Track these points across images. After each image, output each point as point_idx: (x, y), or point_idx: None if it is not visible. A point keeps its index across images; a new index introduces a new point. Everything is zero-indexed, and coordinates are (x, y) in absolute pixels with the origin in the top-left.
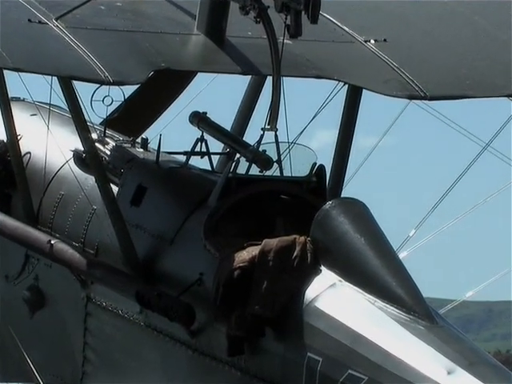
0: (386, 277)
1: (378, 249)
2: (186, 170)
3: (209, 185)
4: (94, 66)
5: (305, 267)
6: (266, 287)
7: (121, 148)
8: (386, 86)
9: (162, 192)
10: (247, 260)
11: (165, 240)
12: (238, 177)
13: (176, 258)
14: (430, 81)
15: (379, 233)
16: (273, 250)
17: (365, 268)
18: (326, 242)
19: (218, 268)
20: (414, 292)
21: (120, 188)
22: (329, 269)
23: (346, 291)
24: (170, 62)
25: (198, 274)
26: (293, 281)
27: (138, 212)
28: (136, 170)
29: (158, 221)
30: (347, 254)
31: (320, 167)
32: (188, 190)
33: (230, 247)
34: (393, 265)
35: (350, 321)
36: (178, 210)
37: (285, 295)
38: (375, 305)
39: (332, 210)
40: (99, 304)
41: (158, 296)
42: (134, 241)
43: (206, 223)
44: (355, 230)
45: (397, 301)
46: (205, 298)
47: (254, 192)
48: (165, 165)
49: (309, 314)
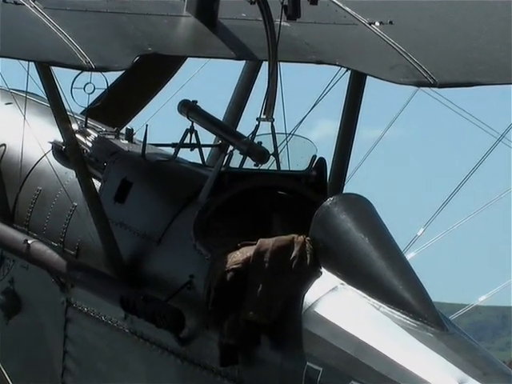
0: (391, 280)
1: (384, 249)
2: (174, 163)
3: (199, 180)
4: (74, 50)
5: (304, 269)
6: (261, 291)
7: (104, 140)
8: (391, 72)
9: (149, 187)
10: (241, 261)
11: (152, 240)
12: (231, 171)
13: (164, 260)
14: (439, 66)
15: (384, 232)
16: (269, 250)
17: (369, 270)
18: (327, 242)
19: (209, 270)
20: (423, 296)
21: (103, 183)
22: (330, 271)
23: (349, 295)
24: (158, 46)
25: (188, 277)
26: (291, 284)
27: (122, 209)
28: (120, 163)
29: (144, 219)
30: (350, 254)
31: (320, 160)
32: (177, 185)
33: (222, 247)
34: (399, 266)
35: (352, 327)
36: (165, 207)
37: (282, 300)
38: (380, 310)
39: (333, 207)
40: (80, 309)
41: (144, 300)
42: (118, 240)
43: (196, 221)
44: (358, 228)
45: (404, 306)
46: (195, 302)
47: (249, 187)
48: (151, 158)
49: (308, 320)
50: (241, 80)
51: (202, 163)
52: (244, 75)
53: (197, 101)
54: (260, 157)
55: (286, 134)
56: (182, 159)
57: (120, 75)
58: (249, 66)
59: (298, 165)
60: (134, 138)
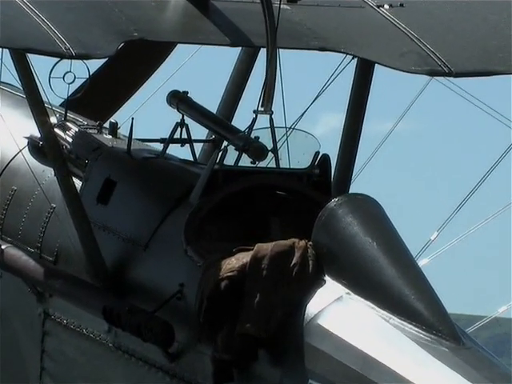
0: (402, 289)
1: (394, 255)
2: (163, 160)
3: (190, 178)
4: (52, 35)
5: (305, 277)
6: (258, 301)
7: (85, 134)
8: (402, 59)
9: (135, 187)
10: (236, 268)
11: (138, 244)
12: (225, 169)
13: (151, 266)
14: (455, 54)
15: (395, 236)
16: (267, 256)
17: (377, 278)
18: (331, 247)
19: (201, 278)
20: (437, 307)
21: (84, 182)
22: (334, 279)
23: (355, 306)
24: (144, 32)
25: (178, 286)
26: (291, 294)
27: (105, 211)
28: (103, 160)
29: (129, 222)
30: (356, 261)
31: (324, 157)
32: (166, 184)
33: (215, 253)
34: (411, 274)
35: (359, 341)
36: (153, 209)
37: (281, 311)
38: (390, 322)
39: (338, 209)
40: (59, 321)
41: (130, 312)
42: (101, 245)
43: (187, 224)
44: (366, 232)
45: (416, 317)
46: (186, 313)
47: (245, 187)
48: (138, 154)
49: (310, 333)
50: (236, 69)
51: (194, 160)
52: (240, 63)
53: (188, 91)
54: (257, 153)
55: (285, 128)
56: (171, 156)
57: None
58: (245, 53)
59: (300, 162)
60: (119, 132)
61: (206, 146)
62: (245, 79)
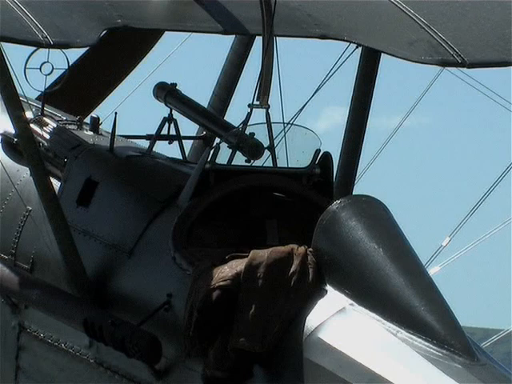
0: (411, 299)
1: (402, 262)
2: (149, 159)
3: (179, 179)
4: (28, 22)
5: (305, 287)
6: (254, 313)
7: (64, 131)
8: (411, 48)
9: (118, 188)
10: (229, 277)
11: (122, 251)
12: (217, 168)
13: (136, 275)
14: (468, 42)
15: (403, 241)
16: (263, 264)
17: (384, 288)
18: (334, 254)
19: (191, 288)
20: (449, 319)
21: (63, 183)
22: (337, 289)
23: (360, 318)
24: (129, 18)
25: (166, 296)
26: (289, 305)
27: (86, 214)
28: (84, 159)
29: (112, 226)
30: (361, 269)
31: (325, 155)
32: (152, 185)
33: (206, 260)
34: (421, 283)
35: (364, 357)
36: (138, 212)
37: (279, 324)
38: (397, 336)
39: (341, 212)
40: (35, 335)
41: (113, 324)
42: (82, 252)
43: (175, 229)
44: (371, 237)
45: (426, 331)
46: (174, 326)
47: (239, 188)
48: (122, 152)
49: (310, 349)
50: (229, 59)
51: (183, 159)
52: (233, 53)
53: (176, 84)
54: (253, 151)
55: (283, 124)
56: (158, 154)
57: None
58: (239, 41)
59: (299, 161)
60: (101, 128)
61: (197, 144)
62: (239, 70)
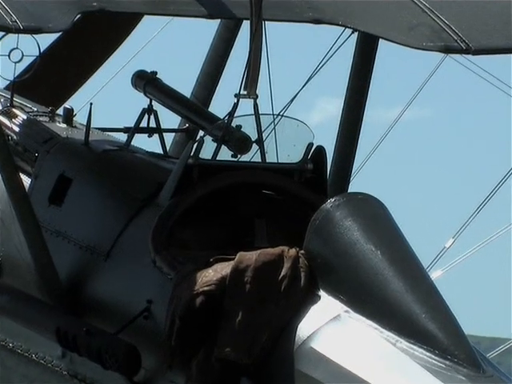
0: (411, 306)
1: (401, 266)
2: (127, 153)
3: (160, 175)
4: None
5: (296, 292)
6: (240, 321)
7: (35, 123)
8: (411, 34)
9: (94, 185)
10: (214, 282)
11: (98, 253)
12: (201, 163)
13: (113, 280)
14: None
15: (402, 243)
16: (251, 267)
17: (382, 293)
18: (327, 257)
19: (172, 293)
20: (453, 328)
21: (34, 180)
22: (331, 295)
23: (356, 326)
24: (105, 1)
25: (145, 302)
26: (279, 312)
27: (59, 214)
28: (56, 153)
29: (87, 226)
30: (357, 273)
31: (318, 150)
32: (131, 182)
33: (189, 264)
34: (422, 289)
35: (360, 368)
36: (116, 211)
37: (268, 333)
38: (397, 346)
39: (335, 211)
40: (4, 345)
41: (88, 333)
42: (54, 255)
43: (155, 230)
44: (368, 238)
45: (428, 340)
46: (154, 335)
47: (225, 185)
48: (97, 146)
49: (302, 359)
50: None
51: (164, 153)
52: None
53: (156, 72)
54: (239, 145)
55: (273, 116)
56: (137, 148)
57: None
58: (225, 26)
59: (290, 155)
60: (75, 120)
61: (179, 137)
62: (224, 58)
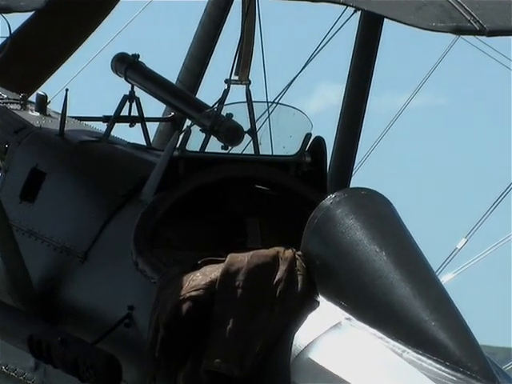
0: (420, 313)
1: (408, 269)
2: (106, 145)
3: (143, 168)
4: None
5: (293, 298)
6: (231, 329)
7: (5, 111)
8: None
9: (70, 180)
10: (202, 286)
11: (74, 255)
12: (188, 156)
13: (91, 284)
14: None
15: (409, 244)
16: (243, 270)
17: (387, 299)
18: (327, 258)
19: (156, 299)
20: (465, 337)
21: (4, 174)
22: (331, 300)
23: (358, 335)
24: None
25: (126, 309)
26: (274, 319)
27: (32, 211)
28: (29, 145)
29: (63, 225)
30: (359, 276)
31: (317, 141)
32: (110, 176)
33: (175, 266)
34: (431, 294)
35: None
36: (94, 208)
37: (261, 342)
38: (403, 356)
39: (336, 208)
40: None
41: (64, 343)
42: (27, 256)
43: (138, 228)
44: (372, 238)
45: (438, 350)
46: (136, 345)
47: (214, 180)
48: (74, 137)
49: (299, 372)
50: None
51: (147, 144)
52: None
53: (139, 55)
54: (230, 135)
55: (267, 103)
56: (117, 139)
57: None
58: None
59: (285, 147)
60: (49, 108)
61: (163, 127)
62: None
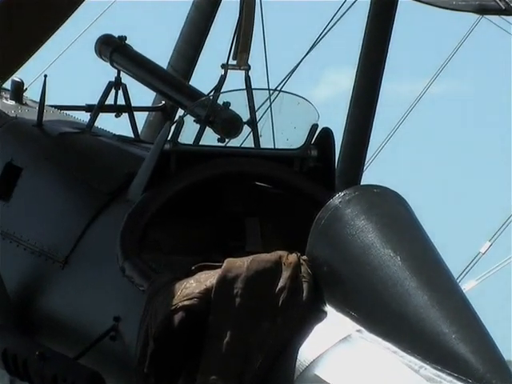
0: (438, 324)
1: (426, 275)
2: (89, 137)
3: (130, 164)
4: None
5: (297, 307)
6: (229, 343)
7: None
8: None
9: (49, 176)
10: (196, 295)
11: (53, 259)
12: (180, 150)
13: (73, 292)
14: None
15: (427, 247)
16: (242, 277)
17: (402, 309)
18: (335, 264)
19: (145, 309)
20: (488, 351)
21: None
22: (339, 310)
23: (370, 349)
24: None
25: (112, 320)
26: (276, 332)
27: (6, 211)
28: (3, 137)
29: (41, 226)
30: (371, 284)
31: (325, 133)
32: (94, 172)
33: (166, 272)
34: (451, 303)
35: None
36: (76, 208)
37: (262, 357)
38: (421, 373)
39: (345, 208)
40: None
41: (42, 357)
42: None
43: (124, 230)
44: (385, 242)
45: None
46: (123, 360)
47: (209, 176)
48: (53, 128)
49: None
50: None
51: (135, 136)
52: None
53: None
54: (227, 127)
55: (269, 91)
56: (101, 130)
57: None
58: None
59: (289, 140)
60: (25, 96)
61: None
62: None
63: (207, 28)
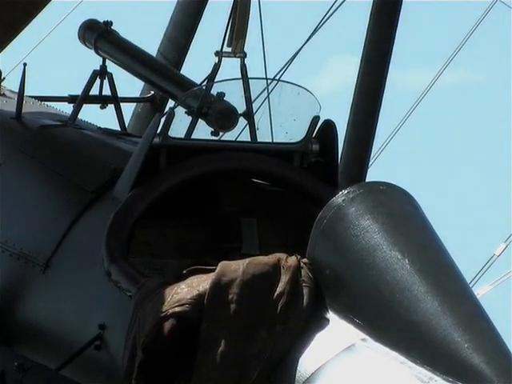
0: (450, 332)
1: (436, 280)
2: (73, 130)
3: (116, 159)
4: None
5: (297, 314)
6: (223, 352)
7: None
8: None
9: (28, 172)
10: (188, 301)
11: (34, 263)
12: (171, 144)
13: (54, 298)
14: None
15: (438, 249)
16: (237, 282)
17: (410, 316)
18: (338, 267)
19: (133, 316)
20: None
21: None
22: (343, 317)
23: (376, 359)
24: None
25: (97, 328)
26: (274, 341)
27: None
28: None
29: (20, 227)
30: (377, 289)
31: (327, 125)
32: (77, 168)
33: (155, 276)
34: (463, 310)
35: None
36: (58, 207)
37: (259, 368)
38: None
39: (349, 207)
40: None
41: (20, 368)
42: None
43: (110, 231)
44: (392, 243)
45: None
46: (108, 371)
47: (202, 173)
48: (33, 121)
49: None
50: None
51: (122, 130)
52: None
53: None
54: (222, 119)
55: (266, 80)
56: (85, 123)
57: None
58: None
59: (289, 133)
60: (3, 86)
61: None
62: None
63: (200, 12)
